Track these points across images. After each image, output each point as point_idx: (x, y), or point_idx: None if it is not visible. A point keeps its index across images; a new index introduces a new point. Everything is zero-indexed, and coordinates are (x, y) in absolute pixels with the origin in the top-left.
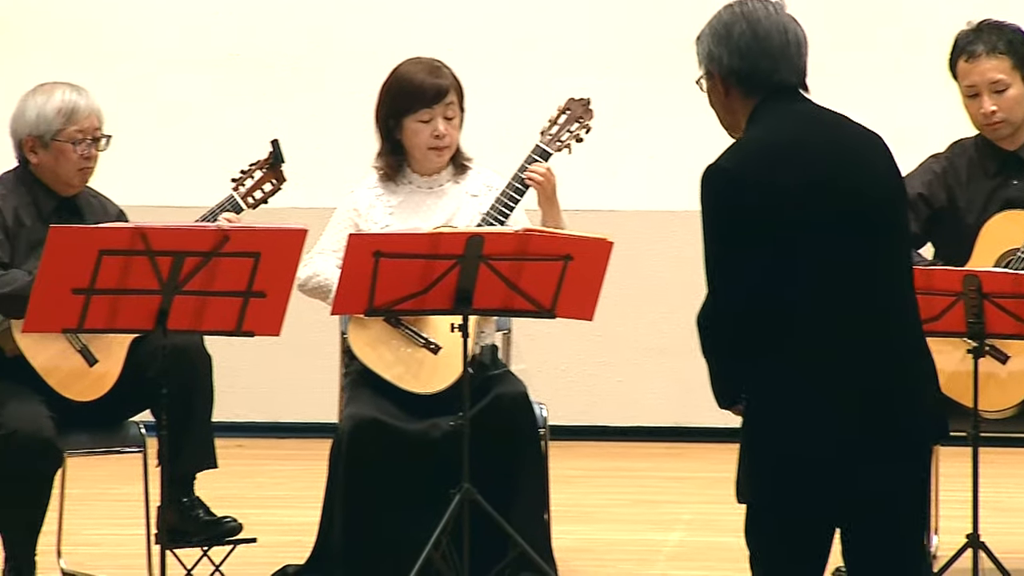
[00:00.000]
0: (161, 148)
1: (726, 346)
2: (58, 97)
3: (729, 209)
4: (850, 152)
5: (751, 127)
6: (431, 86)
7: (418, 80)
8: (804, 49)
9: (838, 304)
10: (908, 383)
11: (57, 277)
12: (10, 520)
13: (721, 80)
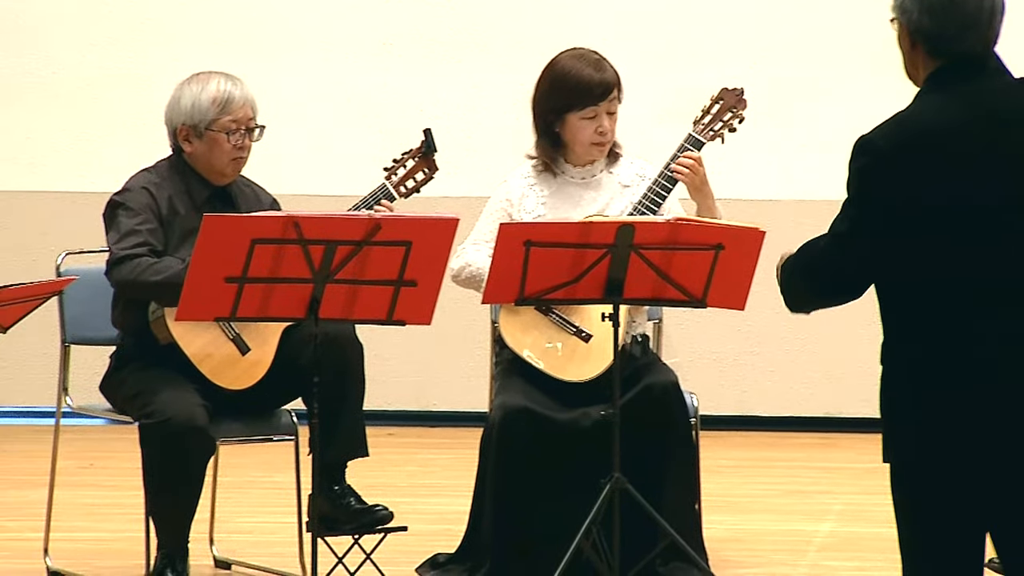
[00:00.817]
0: (315, 137)
1: (827, 298)
2: (213, 87)
3: (871, 186)
4: (1014, 145)
5: (922, 97)
6: (598, 83)
7: (584, 77)
8: (999, 18)
9: (975, 288)
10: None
11: (210, 266)
12: (163, 508)
13: (908, 33)
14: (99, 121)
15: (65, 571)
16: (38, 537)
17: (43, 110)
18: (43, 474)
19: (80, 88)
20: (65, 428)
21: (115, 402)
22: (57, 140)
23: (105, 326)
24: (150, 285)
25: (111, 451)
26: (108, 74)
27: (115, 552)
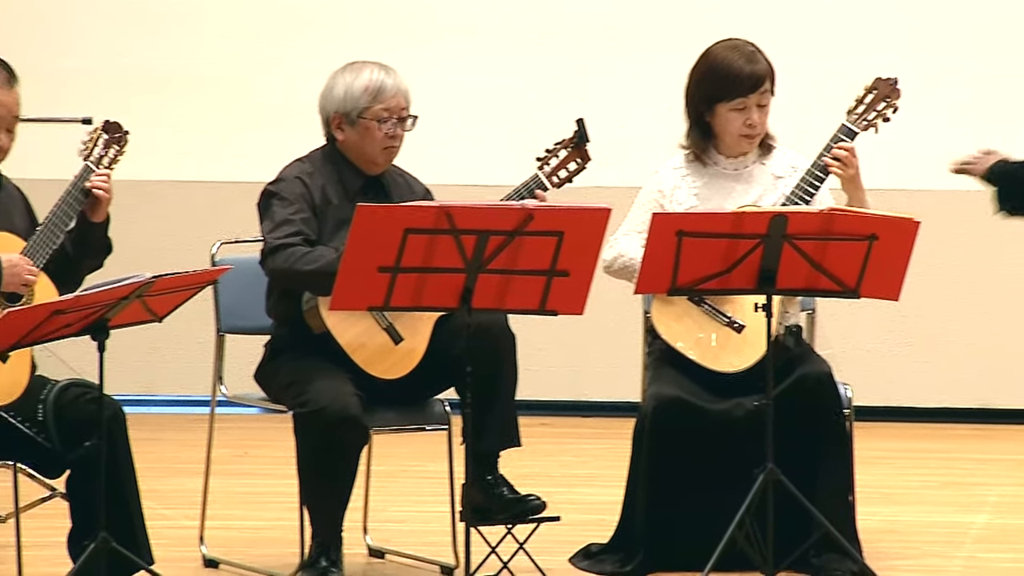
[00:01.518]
0: (468, 127)
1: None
2: (366, 76)
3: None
4: None
5: None
6: (748, 75)
7: (736, 67)
8: None
9: None
10: None
11: (363, 256)
12: (318, 497)
13: None
14: (252, 111)
15: (220, 559)
16: (194, 525)
17: (197, 100)
18: (198, 463)
19: (234, 78)
20: (220, 417)
21: (269, 391)
22: (211, 130)
23: (259, 315)
24: (303, 274)
25: (265, 440)
26: (261, 64)
27: (269, 540)
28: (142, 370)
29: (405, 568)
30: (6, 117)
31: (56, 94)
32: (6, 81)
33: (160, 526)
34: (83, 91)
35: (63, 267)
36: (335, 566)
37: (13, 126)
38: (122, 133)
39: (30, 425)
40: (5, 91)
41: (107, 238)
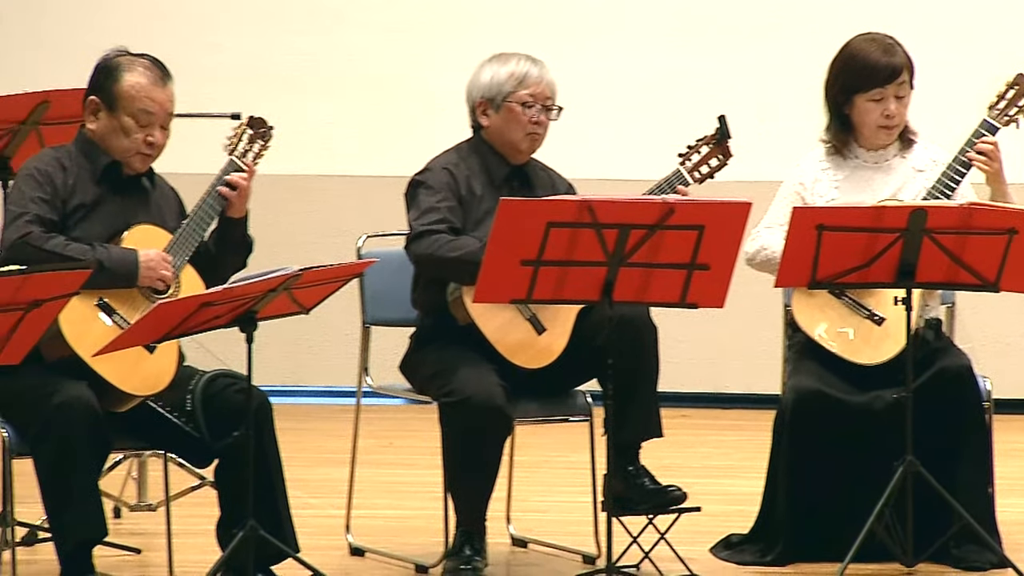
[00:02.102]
0: (611, 122)
1: None
2: (512, 63)
3: None
4: None
5: None
6: (885, 66)
7: (872, 59)
8: None
9: None
10: None
11: (506, 249)
12: (462, 486)
13: None
14: (396, 107)
15: (366, 547)
16: (340, 514)
17: (343, 97)
18: (345, 452)
19: (378, 75)
20: (366, 408)
21: (415, 382)
22: (357, 125)
23: (404, 307)
24: (447, 261)
25: (411, 430)
26: (405, 61)
27: (414, 529)
28: (289, 361)
29: (547, 557)
30: (160, 115)
31: (206, 91)
32: (160, 79)
33: (307, 515)
34: (232, 88)
35: (207, 264)
36: (479, 555)
37: (168, 123)
38: (266, 128)
39: (179, 415)
40: (159, 89)
41: (247, 236)
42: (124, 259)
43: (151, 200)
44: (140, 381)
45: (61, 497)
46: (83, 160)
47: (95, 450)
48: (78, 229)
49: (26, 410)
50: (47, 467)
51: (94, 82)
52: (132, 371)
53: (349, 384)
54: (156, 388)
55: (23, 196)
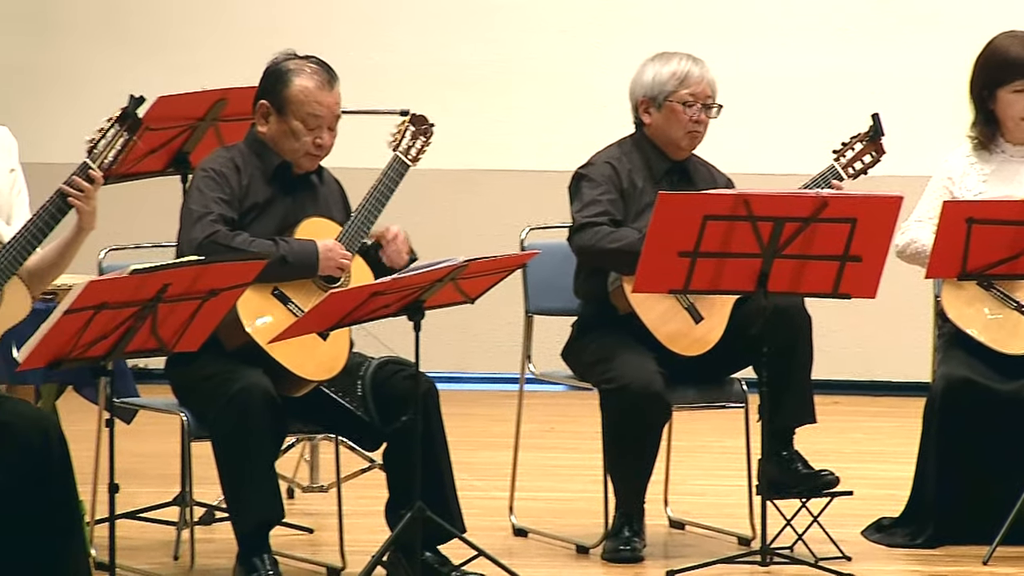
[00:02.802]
0: (769, 119)
1: None
2: (674, 63)
3: None
4: None
5: None
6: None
7: (1013, 52)
8: None
9: None
10: None
11: (665, 241)
12: (622, 469)
13: None
14: (561, 103)
15: (529, 528)
16: (504, 496)
17: (511, 93)
18: (508, 437)
19: (544, 73)
20: (528, 394)
21: (576, 369)
22: (522, 121)
23: (566, 297)
24: (607, 252)
25: (572, 415)
26: (570, 60)
27: (575, 511)
28: (455, 348)
29: (704, 539)
30: (328, 117)
31: (379, 89)
32: (327, 83)
33: (472, 497)
34: (404, 86)
35: (374, 251)
36: (638, 536)
37: (335, 124)
38: (428, 125)
39: (350, 400)
40: (327, 93)
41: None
42: (305, 250)
43: (319, 195)
44: (315, 367)
45: (240, 480)
46: (255, 160)
47: (272, 435)
48: (252, 227)
49: (206, 396)
50: (227, 451)
51: (264, 86)
52: (307, 358)
53: (513, 371)
54: (330, 374)
55: (204, 196)
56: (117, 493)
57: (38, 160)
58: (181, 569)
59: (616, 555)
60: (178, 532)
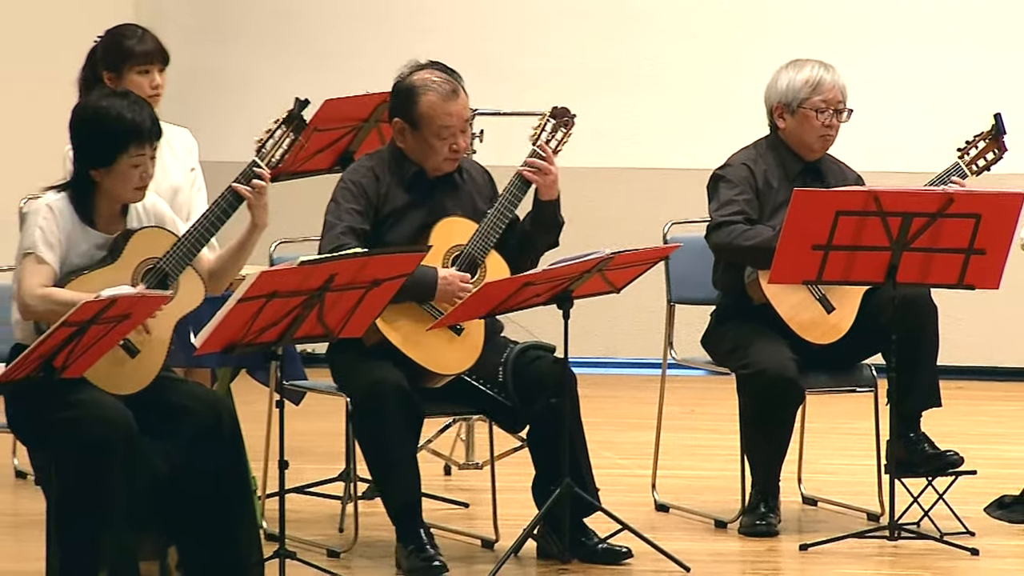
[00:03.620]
0: (895, 119)
1: None
2: (807, 70)
3: None
4: None
5: None
6: None
7: None
8: None
9: None
10: None
11: (799, 235)
12: (758, 450)
13: None
14: (700, 105)
15: (670, 504)
16: (646, 474)
17: (652, 95)
18: (651, 418)
19: (685, 76)
20: (670, 378)
21: (715, 355)
22: (664, 122)
23: (706, 287)
24: (742, 249)
25: (711, 399)
26: (709, 64)
27: (714, 488)
28: (603, 336)
29: (835, 515)
30: (458, 124)
31: (527, 92)
32: (452, 93)
33: (617, 474)
34: (552, 89)
35: (523, 242)
36: (773, 512)
37: (466, 127)
38: (569, 117)
39: (491, 386)
40: (453, 103)
41: (559, 216)
42: (425, 277)
43: (461, 192)
44: (447, 362)
45: (382, 468)
46: (394, 168)
47: (408, 423)
48: (391, 233)
49: (350, 387)
50: (367, 442)
51: (396, 106)
52: (441, 353)
53: (656, 356)
54: (462, 367)
55: (339, 208)
56: (287, 469)
57: (214, 159)
58: (345, 540)
59: (752, 529)
60: (343, 506)
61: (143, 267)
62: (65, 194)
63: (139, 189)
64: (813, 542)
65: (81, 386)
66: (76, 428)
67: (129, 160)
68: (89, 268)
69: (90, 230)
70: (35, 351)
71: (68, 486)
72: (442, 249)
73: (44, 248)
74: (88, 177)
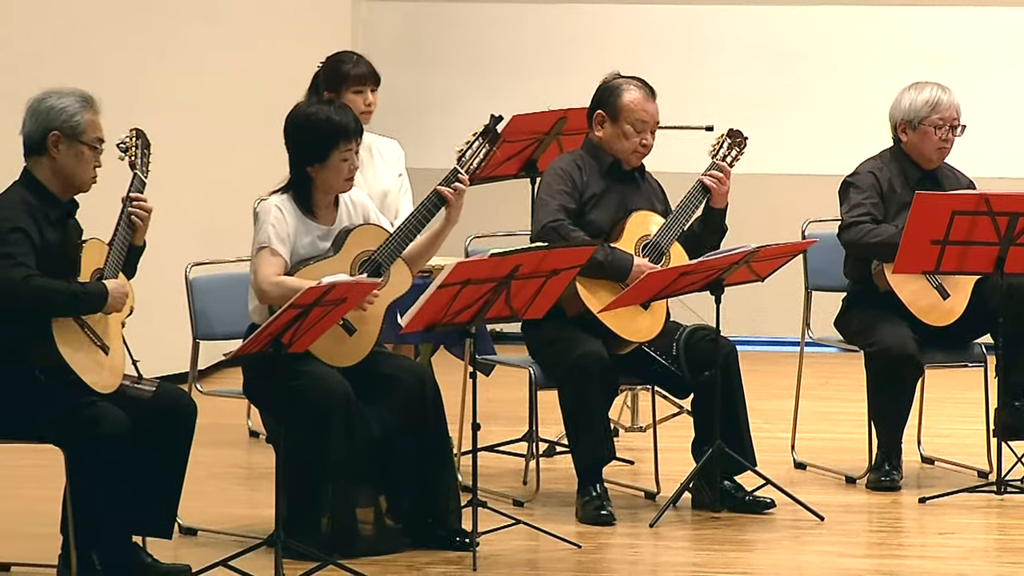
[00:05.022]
0: (1003, 131)
1: None
2: (927, 92)
3: None
4: None
5: None
6: None
7: None
8: None
9: None
10: None
11: (920, 232)
12: (883, 416)
13: None
14: (835, 119)
15: (807, 462)
16: (786, 436)
17: (793, 112)
18: (790, 389)
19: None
20: (807, 355)
21: (845, 335)
22: (801, 135)
23: (837, 277)
24: (870, 245)
25: (842, 373)
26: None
27: (844, 449)
28: (749, 318)
29: (949, 472)
30: (651, 123)
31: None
32: (650, 95)
33: (761, 437)
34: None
35: (692, 242)
36: (896, 469)
37: (655, 130)
38: (743, 138)
39: (666, 358)
40: (651, 103)
41: (724, 223)
42: (621, 260)
43: (643, 190)
44: (636, 332)
45: (579, 427)
46: (592, 160)
47: (605, 389)
48: (592, 213)
49: (552, 357)
50: (569, 403)
51: (599, 99)
52: (631, 323)
53: (794, 336)
54: (648, 336)
55: (551, 189)
56: (479, 431)
57: (419, 166)
58: (529, 492)
59: (878, 484)
60: (526, 462)
61: (360, 258)
62: (288, 195)
63: (348, 180)
64: (930, 495)
65: (307, 359)
66: (302, 395)
67: (339, 154)
68: (315, 259)
69: (311, 223)
70: (266, 329)
71: (295, 444)
72: (634, 237)
73: (277, 242)
74: (306, 174)
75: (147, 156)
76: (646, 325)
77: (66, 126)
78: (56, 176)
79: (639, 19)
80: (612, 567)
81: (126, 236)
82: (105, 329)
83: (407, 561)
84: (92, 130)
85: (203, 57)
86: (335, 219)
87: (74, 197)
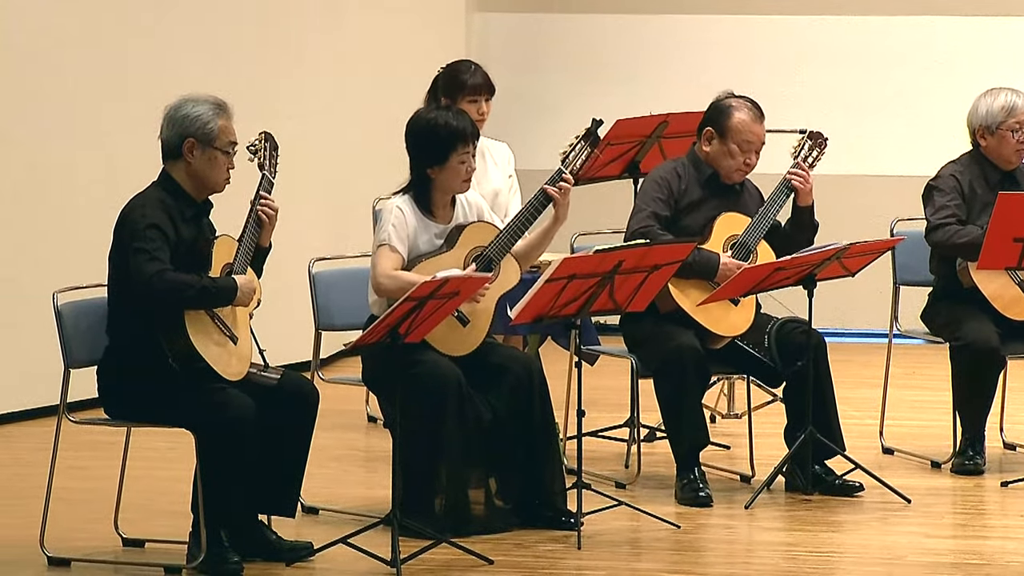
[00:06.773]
0: None
1: None
2: (1002, 98)
3: None
4: None
5: None
6: None
7: None
8: None
9: None
10: None
11: (1003, 230)
12: (967, 404)
13: None
14: (918, 124)
15: (894, 448)
16: (875, 423)
17: (880, 115)
18: (879, 378)
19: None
20: (896, 346)
21: (931, 328)
22: (888, 138)
23: (923, 273)
24: (956, 245)
25: (928, 363)
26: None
27: (930, 436)
28: (839, 311)
29: None
30: (756, 144)
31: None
32: (759, 118)
33: (850, 423)
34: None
35: (782, 240)
36: (979, 455)
37: (760, 149)
38: (823, 140)
39: (758, 350)
40: (759, 125)
41: (814, 220)
42: (708, 261)
43: (741, 199)
44: (728, 326)
45: (676, 415)
46: (693, 171)
47: (699, 379)
48: (687, 219)
49: (649, 350)
50: (666, 393)
51: (710, 116)
52: (723, 319)
53: (883, 328)
54: (739, 331)
55: (647, 196)
56: (583, 417)
57: (527, 167)
58: (630, 475)
59: (962, 468)
60: (628, 447)
61: (473, 253)
62: (408, 195)
63: (465, 181)
64: (1012, 479)
65: (422, 349)
66: (418, 382)
67: (457, 157)
68: (430, 254)
69: (429, 222)
70: (384, 321)
71: (411, 429)
72: (722, 237)
73: (396, 240)
74: (426, 176)
75: (275, 158)
76: (737, 320)
77: (200, 133)
78: (191, 178)
79: (737, 29)
80: (709, 546)
81: (254, 233)
82: (234, 320)
83: (516, 540)
84: (225, 135)
85: (328, 65)
86: (452, 218)
87: (208, 198)
